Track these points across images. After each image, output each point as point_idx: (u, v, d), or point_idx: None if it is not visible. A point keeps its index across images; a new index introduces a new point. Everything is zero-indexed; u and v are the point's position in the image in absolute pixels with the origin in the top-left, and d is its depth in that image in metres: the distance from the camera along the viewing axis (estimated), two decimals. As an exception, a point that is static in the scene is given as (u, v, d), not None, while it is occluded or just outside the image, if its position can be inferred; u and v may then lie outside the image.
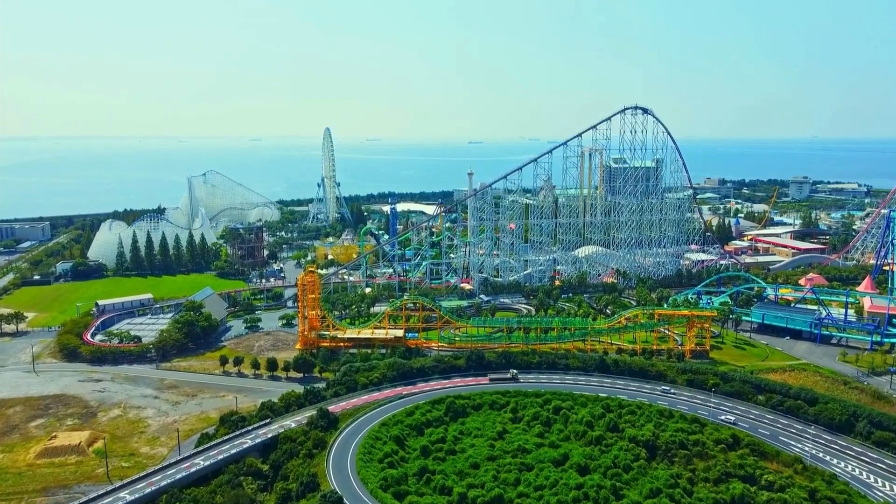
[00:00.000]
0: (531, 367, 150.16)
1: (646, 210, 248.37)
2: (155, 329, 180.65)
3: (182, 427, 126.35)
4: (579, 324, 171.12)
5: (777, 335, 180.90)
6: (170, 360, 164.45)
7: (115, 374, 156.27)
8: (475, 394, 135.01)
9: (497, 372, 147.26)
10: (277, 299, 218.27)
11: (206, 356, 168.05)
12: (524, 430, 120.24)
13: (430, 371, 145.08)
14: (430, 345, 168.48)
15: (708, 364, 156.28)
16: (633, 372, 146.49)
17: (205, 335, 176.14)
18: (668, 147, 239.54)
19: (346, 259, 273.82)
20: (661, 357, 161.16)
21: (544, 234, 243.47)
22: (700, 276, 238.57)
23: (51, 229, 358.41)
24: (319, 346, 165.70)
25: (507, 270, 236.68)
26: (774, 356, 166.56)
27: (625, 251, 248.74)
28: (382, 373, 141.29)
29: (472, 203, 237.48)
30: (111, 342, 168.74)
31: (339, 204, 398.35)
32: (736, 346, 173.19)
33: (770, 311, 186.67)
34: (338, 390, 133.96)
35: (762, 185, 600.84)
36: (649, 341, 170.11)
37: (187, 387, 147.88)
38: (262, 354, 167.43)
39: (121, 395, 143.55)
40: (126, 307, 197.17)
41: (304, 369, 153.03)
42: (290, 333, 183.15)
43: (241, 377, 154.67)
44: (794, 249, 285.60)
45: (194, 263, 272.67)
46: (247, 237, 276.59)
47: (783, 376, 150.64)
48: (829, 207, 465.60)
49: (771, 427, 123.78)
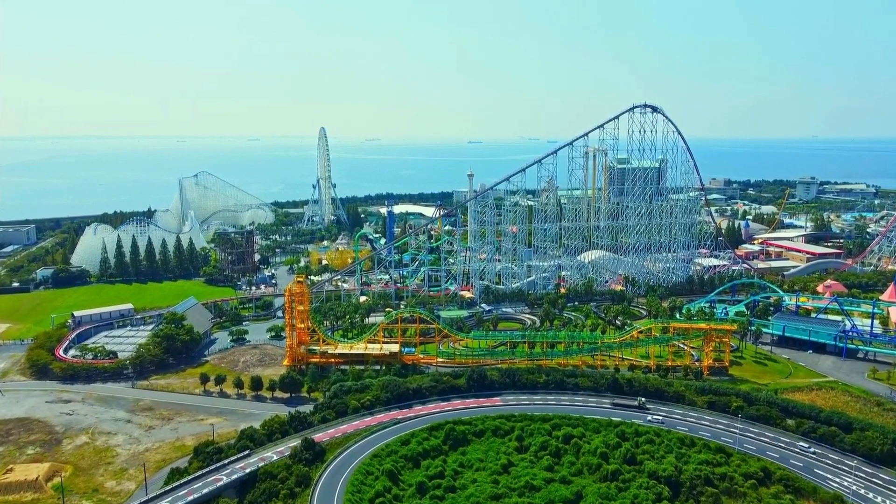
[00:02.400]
0: (537, 386, 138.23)
1: (654, 213, 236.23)
2: (134, 342, 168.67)
3: (153, 457, 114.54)
4: (588, 338, 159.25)
5: (799, 348, 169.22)
6: (147, 378, 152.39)
7: (88, 393, 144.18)
8: (477, 418, 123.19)
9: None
10: (267, 309, 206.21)
11: (187, 372, 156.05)
12: (531, 463, 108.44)
13: (427, 392, 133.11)
14: (428, 360, 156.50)
15: (728, 382, 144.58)
16: (649, 393, 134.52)
17: (186, 350, 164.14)
18: (679, 147, 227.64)
19: (341, 264, 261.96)
20: (676, 374, 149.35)
21: (548, 239, 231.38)
22: (712, 283, 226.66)
23: (36, 233, 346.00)
24: (309, 361, 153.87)
25: (509, 277, 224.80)
26: (798, 372, 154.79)
27: (633, 256, 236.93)
28: (375, 395, 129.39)
29: (473, 206, 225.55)
30: (85, 358, 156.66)
31: (335, 206, 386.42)
32: (756, 362, 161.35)
33: (791, 322, 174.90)
34: (326, 415, 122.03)
35: (768, 185, 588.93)
36: (663, 356, 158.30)
37: (164, 408, 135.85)
38: (248, 371, 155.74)
39: (90, 418, 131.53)
40: (104, 318, 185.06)
41: (292, 389, 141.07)
42: (279, 347, 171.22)
43: (222, 397, 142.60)
44: (808, 254, 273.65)
45: (182, 269, 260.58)
46: (237, 242, 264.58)
47: (811, 396, 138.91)
48: (838, 208, 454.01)
49: (804, 457, 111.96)
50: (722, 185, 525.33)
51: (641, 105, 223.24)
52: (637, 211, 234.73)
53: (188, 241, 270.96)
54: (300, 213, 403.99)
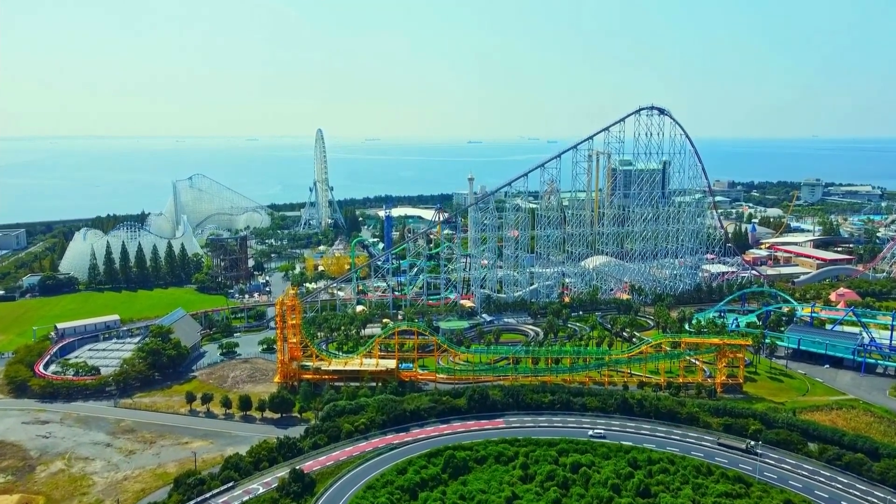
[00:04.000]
0: (542, 407, 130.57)
1: (661, 219, 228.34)
2: (119, 356, 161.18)
3: (132, 487, 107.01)
4: (595, 353, 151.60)
5: (815, 362, 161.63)
6: (131, 396, 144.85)
7: (67, 413, 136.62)
8: (478, 443, 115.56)
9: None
10: (260, 319, 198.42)
11: (174, 390, 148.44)
12: (537, 495, 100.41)
13: (425, 414, 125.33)
14: (427, 377, 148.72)
15: (743, 401, 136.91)
16: (661, 414, 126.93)
17: (173, 365, 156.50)
18: (687, 150, 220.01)
19: (338, 271, 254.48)
20: (688, 392, 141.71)
21: (551, 245, 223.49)
22: (721, 291, 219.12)
23: (27, 237, 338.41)
24: (301, 378, 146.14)
25: (511, 285, 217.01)
26: (816, 389, 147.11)
27: (638, 262, 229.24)
28: (370, 417, 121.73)
29: (474, 212, 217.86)
30: (66, 374, 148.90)
31: (333, 209, 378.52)
32: (771, 377, 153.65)
33: (806, 335, 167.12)
34: (317, 440, 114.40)
35: (772, 187, 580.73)
36: (674, 372, 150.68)
37: (147, 430, 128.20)
38: (237, 388, 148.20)
39: (68, 441, 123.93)
40: (89, 331, 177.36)
41: (282, 409, 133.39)
42: (270, 361, 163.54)
43: (209, 418, 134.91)
44: (818, 260, 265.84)
45: (173, 276, 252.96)
46: (230, 247, 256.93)
47: (831, 416, 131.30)
48: (843, 211, 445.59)
49: (829, 488, 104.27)
50: (726, 187, 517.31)
51: (648, 107, 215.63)
52: (643, 216, 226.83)
53: (180, 246, 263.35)
54: (297, 217, 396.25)
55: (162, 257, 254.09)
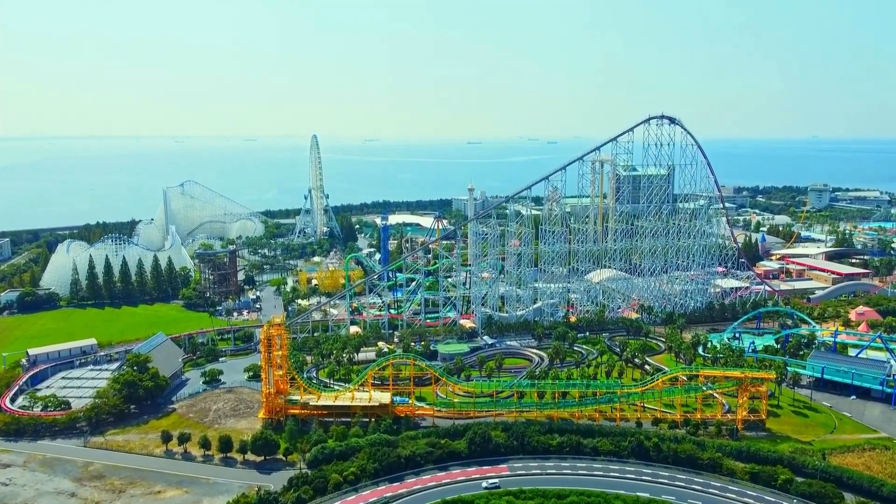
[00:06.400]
0: (550, 451, 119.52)
1: (671, 234, 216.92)
2: (94, 386, 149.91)
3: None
4: (606, 386, 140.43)
5: (840, 392, 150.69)
6: (103, 433, 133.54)
7: (32, 454, 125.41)
8: (480, 496, 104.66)
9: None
10: (248, 341, 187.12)
11: (150, 425, 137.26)
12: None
13: (421, 460, 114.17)
14: (424, 412, 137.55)
15: (767, 442, 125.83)
16: (679, 459, 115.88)
17: (150, 396, 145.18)
18: (699, 161, 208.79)
19: (332, 285, 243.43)
20: (708, 430, 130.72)
21: (556, 262, 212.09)
22: (734, 309, 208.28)
23: (11, 246, 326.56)
24: (288, 413, 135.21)
25: (513, 301, 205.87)
26: (844, 425, 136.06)
27: (647, 278, 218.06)
28: (361, 464, 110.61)
29: (474, 227, 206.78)
30: (33, 409, 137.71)
31: (328, 217, 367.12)
32: (795, 411, 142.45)
33: (830, 362, 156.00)
34: (301, 494, 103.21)
35: (777, 192, 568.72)
36: (691, 406, 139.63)
37: (117, 477, 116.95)
38: (218, 423, 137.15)
39: (28, 490, 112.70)
40: (63, 356, 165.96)
41: (266, 451, 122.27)
42: (256, 391, 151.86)
43: (186, 460, 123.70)
44: (833, 273, 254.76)
45: (160, 291, 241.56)
46: (220, 260, 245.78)
47: (864, 459, 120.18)
48: (852, 218, 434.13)
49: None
50: (731, 192, 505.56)
51: (658, 116, 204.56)
52: (652, 230, 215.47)
53: (167, 260, 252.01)
54: (292, 224, 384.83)
55: (148, 272, 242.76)
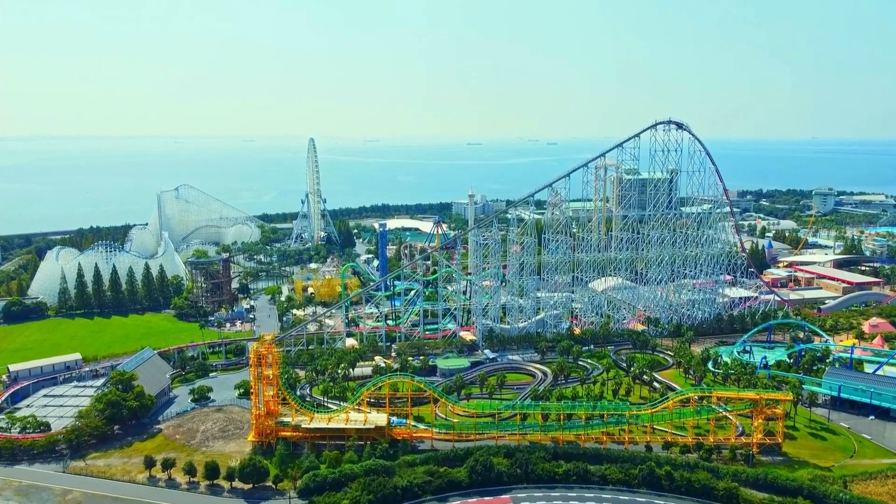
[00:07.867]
0: (555, 479, 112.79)
1: (679, 243, 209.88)
2: (77, 405, 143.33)
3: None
4: (614, 406, 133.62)
5: (857, 412, 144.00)
6: (84, 457, 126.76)
7: (7, 481, 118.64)
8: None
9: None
10: (240, 354, 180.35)
11: (134, 448, 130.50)
12: None
13: (419, 491, 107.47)
14: (423, 435, 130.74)
15: (784, 468, 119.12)
16: (693, 489, 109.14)
17: (135, 417, 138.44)
18: (707, 168, 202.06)
19: (329, 294, 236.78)
20: (721, 455, 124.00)
21: (559, 271, 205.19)
22: (742, 320, 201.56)
23: (2, 252, 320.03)
24: (279, 435, 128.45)
25: (515, 312, 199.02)
26: (864, 449, 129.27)
27: (653, 287, 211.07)
28: (355, 497, 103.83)
29: (474, 236, 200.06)
30: (11, 431, 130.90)
31: (326, 221, 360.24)
32: (812, 433, 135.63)
33: (847, 380, 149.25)
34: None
35: (781, 195, 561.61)
36: (703, 428, 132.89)
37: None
38: (206, 446, 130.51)
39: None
40: (46, 372, 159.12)
41: (255, 478, 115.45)
42: (247, 409, 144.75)
43: (171, 487, 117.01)
44: (843, 282, 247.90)
45: (151, 300, 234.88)
46: (213, 269, 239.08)
47: (887, 487, 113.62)
48: (858, 223, 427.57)
49: None
50: (735, 196, 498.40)
51: (665, 121, 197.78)
52: (659, 239, 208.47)
53: (159, 267, 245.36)
54: (289, 229, 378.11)
55: (139, 280, 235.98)
